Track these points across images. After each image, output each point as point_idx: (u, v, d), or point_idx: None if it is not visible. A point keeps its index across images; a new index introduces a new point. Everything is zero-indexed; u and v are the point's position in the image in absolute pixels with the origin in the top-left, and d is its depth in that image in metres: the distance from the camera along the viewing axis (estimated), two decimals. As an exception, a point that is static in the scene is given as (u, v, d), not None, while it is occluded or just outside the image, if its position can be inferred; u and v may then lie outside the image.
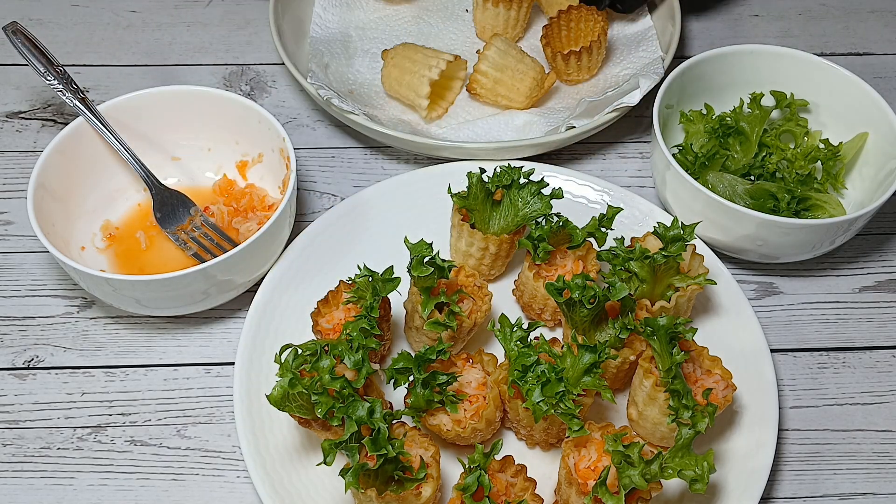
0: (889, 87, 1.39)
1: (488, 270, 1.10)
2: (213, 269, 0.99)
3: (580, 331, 0.98)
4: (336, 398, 0.87)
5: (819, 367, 1.10)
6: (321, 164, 1.28)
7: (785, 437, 1.04)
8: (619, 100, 1.21)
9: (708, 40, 1.46)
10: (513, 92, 1.26)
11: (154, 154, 1.18)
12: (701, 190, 1.07)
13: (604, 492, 0.82)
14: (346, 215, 1.15)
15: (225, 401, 1.05)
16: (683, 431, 0.84)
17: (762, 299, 1.15)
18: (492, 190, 1.05)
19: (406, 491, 0.85)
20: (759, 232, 1.06)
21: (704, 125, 1.20)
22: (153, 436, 1.02)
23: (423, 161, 1.27)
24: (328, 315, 1.00)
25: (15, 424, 1.02)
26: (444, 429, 0.93)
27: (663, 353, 0.92)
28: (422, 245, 0.96)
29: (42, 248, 1.13)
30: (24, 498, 0.97)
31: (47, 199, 1.06)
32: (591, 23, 1.31)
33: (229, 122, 1.16)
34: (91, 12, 1.47)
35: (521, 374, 0.90)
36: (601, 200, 1.18)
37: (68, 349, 1.08)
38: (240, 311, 1.11)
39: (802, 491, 1.00)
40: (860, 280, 1.18)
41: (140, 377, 1.06)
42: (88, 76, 1.37)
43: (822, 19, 1.50)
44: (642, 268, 1.00)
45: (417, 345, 1.04)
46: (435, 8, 1.44)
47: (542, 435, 0.96)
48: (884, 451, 1.03)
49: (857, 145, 1.18)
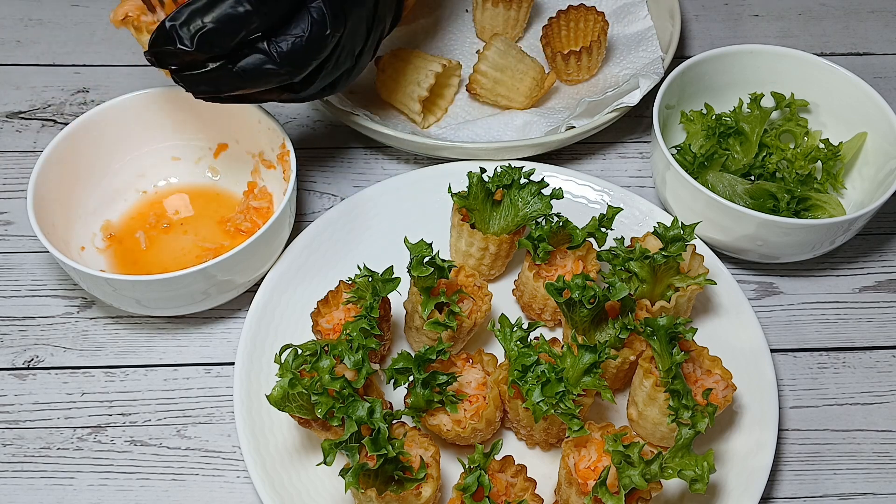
0: (889, 87, 1.39)
1: (488, 270, 1.10)
2: (213, 269, 0.99)
3: (580, 331, 0.98)
4: (336, 398, 0.87)
5: (819, 367, 1.10)
6: (321, 164, 1.28)
7: (785, 437, 1.04)
8: (619, 100, 1.21)
9: (708, 40, 1.46)
10: (513, 92, 1.26)
11: (154, 154, 1.18)
12: (701, 190, 1.07)
13: (604, 492, 0.82)
14: (346, 215, 1.15)
15: (225, 401, 1.05)
16: (683, 431, 0.84)
17: (762, 299, 1.15)
18: (492, 190, 1.05)
19: (406, 491, 0.85)
20: (759, 232, 1.06)
21: (704, 125, 1.20)
22: (153, 436, 1.02)
23: (423, 161, 1.27)
24: (328, 315, 1.00)
25: (15, 424, 1.02)
26: (444, 429, 0.93)
27: (663, 353, 0.92)
28: (422, 245, 0.96)
29: (42, 248, 1.13)
30: (24, 498, 0.97)
31: (47, 199, 1.06)
32: (591, 23, 1.32)
33: (229, 122, 1.16)
34: (91, 12, 1.47)
35: (521, 374, 0.90)
36: (601, 200, 1.18)
37: (68, 349, 1.08)
38: (240, 311, 1.11)
39: (802, 491, 1.00)
40: (860, 280, 1.18)
41: (140, 377, 1.06)
42: (88, 76, 1.37)
43: (822, 19, 1.50)
44: (642, 268, 1.00)
45: (417, 345, 1.04)
46: (434, 8, 1.44)
47: (542, 435, 0.96)
48: (884, 451, 1.03)
49: (857, 145, 1.18)
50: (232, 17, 0.89)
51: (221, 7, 0.89)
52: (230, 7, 0.89)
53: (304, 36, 0.93)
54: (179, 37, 0.89)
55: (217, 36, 0.90)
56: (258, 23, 0.91)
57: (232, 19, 0.89)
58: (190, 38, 0.89)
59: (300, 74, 0.96)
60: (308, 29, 0.93)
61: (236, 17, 0.89)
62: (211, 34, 0.90)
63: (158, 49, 0.92)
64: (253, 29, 0.91)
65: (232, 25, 0.90)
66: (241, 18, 0.90)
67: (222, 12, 0.89)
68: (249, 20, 0.90)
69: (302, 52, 0.94)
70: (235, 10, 0.89)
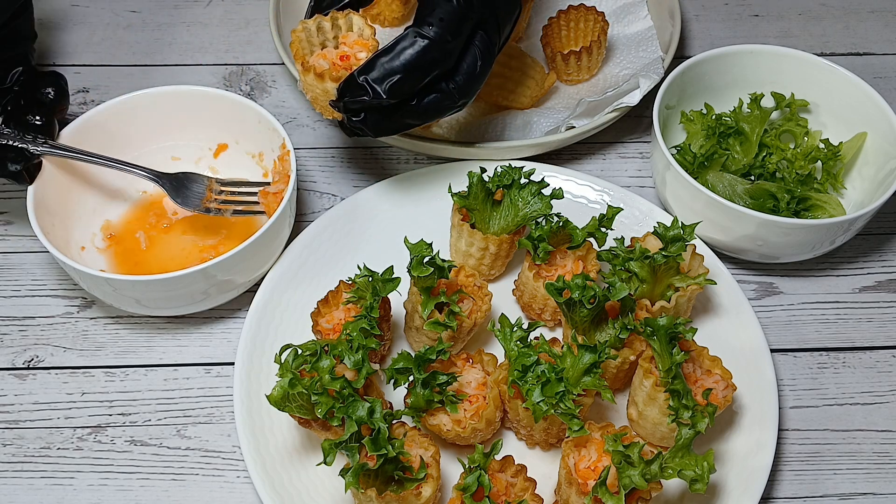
0: (889, 87, 1.39)
1: (488, 270, 1.10)
2: (213, 269, 0.99)
3: (580, 331, 0.98)
4: (336, 398, 0.87)
5: (819, 367, 1.10)
6: (321, 164, 1.28)
7: (785, 437, 1.04)
8: (619, 100, 1.21)
9: (708, 40, 1.46)
10: (513, 92, 1.26)
11: (154, 154, 1.18)
12: (701, 190, 1.07)
13: (604, 492, 0.82)
14: (346, 215, 1.15)
15: (225, 401, 1.05)
16: (683, 431, 0.84)
17: (762, 299, 1.15)
18: (492, 190, 1.05)
19: (406, 491, 0.85)
20: (759, 232, 1.06)
21: (704, 125, 1.20)
22: (153, 436, 1.02)
23: (423, 161, 1.27)
24: (328, 315, 1.00)
25: (15, 424, 1.02)
26: (444, 429, 0.93)
27: (663, 353, 0.92)
28: (422, 245, 0.96)
29: (42, 248, 1.13)
30: (24, 498, 0.97)
31: (47, 199, 1.06)
32: (591, 23, 1.31)
33: (229, 122, 1.16)
34: (91, 12, 1.47)
35: (521, 374, 0.90)
36: (601, 200, 1.18)
37: (68, 349, 1.08)
38: (240, 311, 1.11)
39: (802, 491, 1.00)
40: (860, 280, 1.18)
41: (140, 377, 1.06)
42: (88, 76, 1.37)
43: (822, 19, 1.50)
44: (642, 268, 1.00)
45: (417, 345, 1.04)
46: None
47: (542, 435, 0.96)
48: (884, 451, 1.03)
49: (857, 145, 1.18)
50: (420, 65, 0.97)
51: (409, 56, 0.96)
52: (419, 56, 0.96)
53: (476, 69, 1.01)
54: (374, 89, 0.96)
55: (405, 84, 0.97)
56: (440, 68, 0.98)
57: (420, 67, 0.97)
58: (385, 91, 0.96)
59: (470, 100, 1.04)
60: (478, 62, 1.01)
61: (424, 64, 0.97)
62: (400, 82, 0.96)
63: (349, 99, 0.98)
64: (436, 75, 0.99)
65: (420, 73, 0.97)
66: (427, 65, 0.97)
67: (411, 61, 0.96)
68: (434, 66, 0.97)
69: (475, 82, 1.02)
70: (424, 58, 0.96)
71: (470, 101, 1.04)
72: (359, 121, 1.00)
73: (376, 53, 0.97)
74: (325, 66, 1.02)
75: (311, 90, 1.04)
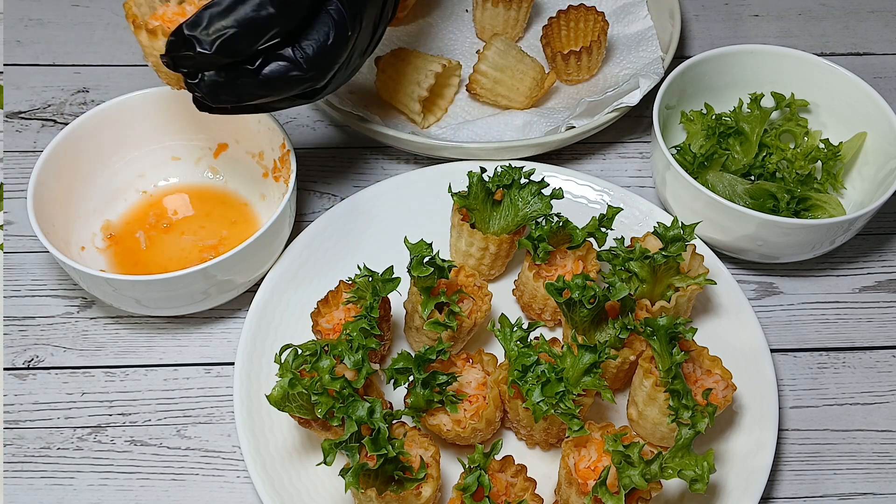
0: (889, 87, 1.39)
1: (488, 270, 1.10)
2: (213, 269, 0.99)
3: (580, 331, 0.98)
4: (336, 398, 0.87)
5: (819, 367, 1.10)
6: (321, 164, 1.28)
7: (785, 437, 1.04)
8: (619, 100, 1.21)
9: (708, 40, 1.46)
10: (513, 92, 1.26)
11: (154, 154, 1.18)
12: (701, 190, 1.07)
13: (604, 492, 0.82)
14: (346, 215, 1.15)
15: (225, 401, 1.05)
16: (683, 431, 0.84)
17: (762, 299, 1.15)
18: (492, 190, 1.05)
19: (406, 491, 0.85)
20: (759, 232, 1.06)
21: (704, 125, 1.20)
22: (153, 436, 1.02)
23: (423, 161, 1.27)
24: (328, 315, 1.00)
25: (15, 424, 1.02)
26: (444, 429, 0.93)
27: (663, 353, 0.92)
28: (422, 245, 0.96)
29: (42, 248, 1.13)
30: (24, 498, 0.97)
31: (47, 199, 1.06)
32: (591, 23, 1.32)
33: (229, 122, 1.16)
34: (91, 12, 1.47)
35: (521, 374, 0.90)
36: (601, 200, 1.18)
37: (68, 349, 1.08)
38: (240, 311, 1.11)
39: (802, 491, 1.00)
40: (860, 280, 1.18)
41: (140, 377, 1.06)
42: (88, 76, 1.37)
43: (822, 19, 1.50)
44: (642, 268, 1.00)
45: (417, 345, 1.04)
46: (434, 8, 1.44)
47: (542, 435, 0.96)
48: (884, 451, 1.03)
49: (857, 145, 1.18)
50: (254, 20, 0.86)
51: (242, 10, 0.86)
52: (252, 10, 0.86)
53: (329, 39, 0.91)
54: (199, 41, 0.86)
55: (238, 40, 0.87)
56: (280, 26, 0.88)
57: (254, 22, 0.86)
58: (210, 43, 0.86)
59: (324, 79, 0.93)
60: (331, 32, 0.91)
61: (258, 20, 0.86)
62: (232, 38, 0.86)
63: (175, 54, 0.89)
64: (275, 34, 0.88)
65: (254, 29, 0.87)
66: (263, 22, 0.86)
67: (244, 15, 0.86)
68: (272, 24, 0.87)
69: (327, 56, 0.91)
70: (258, 13, 0.86)
71: (324, 80, 0.93)
72: (194, 84, 0.90)
73: (207, 5, 0.86)
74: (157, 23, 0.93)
75: (151, 54, 0.93)
